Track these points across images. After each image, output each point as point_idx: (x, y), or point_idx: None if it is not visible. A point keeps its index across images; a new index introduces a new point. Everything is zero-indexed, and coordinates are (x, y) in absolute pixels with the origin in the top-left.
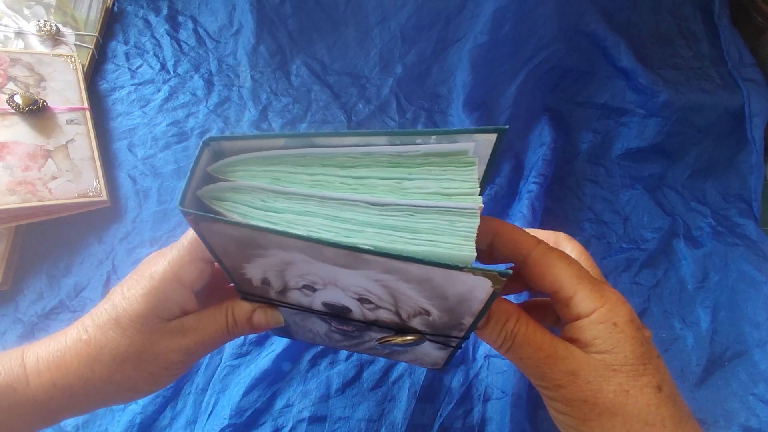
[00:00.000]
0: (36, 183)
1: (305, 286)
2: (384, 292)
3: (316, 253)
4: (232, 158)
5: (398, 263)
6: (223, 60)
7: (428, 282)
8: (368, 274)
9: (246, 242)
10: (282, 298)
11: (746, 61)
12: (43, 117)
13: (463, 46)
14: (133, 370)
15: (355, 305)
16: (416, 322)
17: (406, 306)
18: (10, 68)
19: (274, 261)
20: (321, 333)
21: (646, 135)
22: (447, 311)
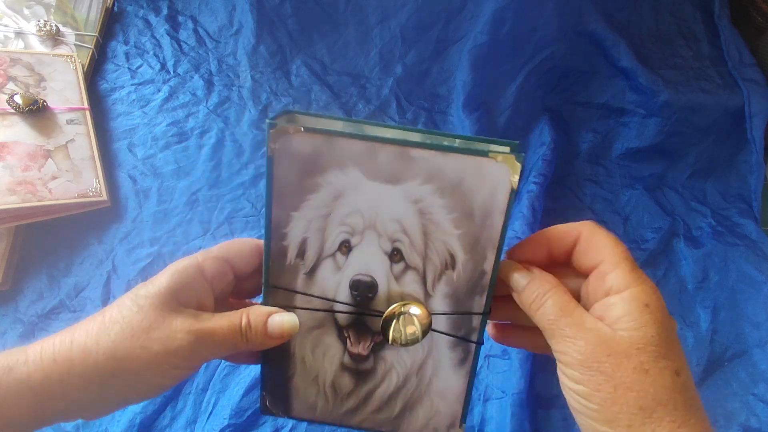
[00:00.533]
0: (36, 183)
1: (342, 245)
2: (417, 226)
3: (371, 163)
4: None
5: (438, 158)
6: (223, 60)
7: (459, 188)
8: (409, 190)
9: (310, 164)
10: (309, 284)
11: (746, 61)
12: (43, 117)
13: (463, 46)
14: (138, 347)
15: (383, 273)
16: (440, 291)
17: (434, 254)
18: (10, 68)
19: (325, 198)
20: (329, 380)
21: (646, 135)
22: (472, 247)
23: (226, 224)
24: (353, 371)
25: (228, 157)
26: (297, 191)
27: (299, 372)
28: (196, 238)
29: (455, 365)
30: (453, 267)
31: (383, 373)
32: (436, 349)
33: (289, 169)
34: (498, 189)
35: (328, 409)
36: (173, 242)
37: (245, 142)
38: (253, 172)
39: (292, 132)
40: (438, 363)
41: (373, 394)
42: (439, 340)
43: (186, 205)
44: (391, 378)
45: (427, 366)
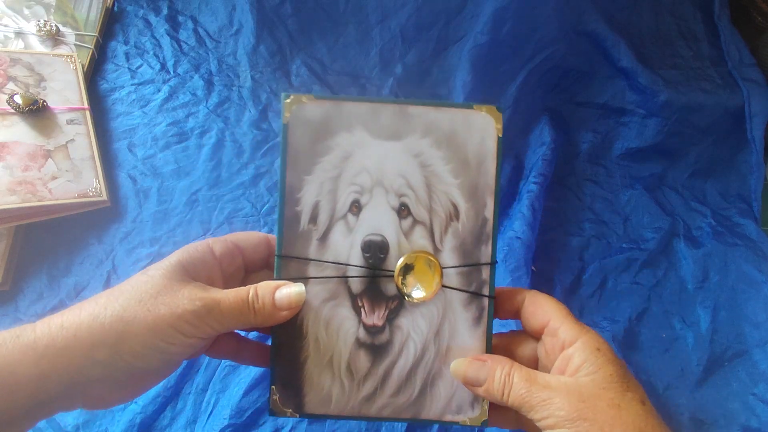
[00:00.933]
0: (36, 183)
1: (352, 205)
2: (420, 179)
3: (375, 123)
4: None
5: (432, 113)
6: (223, 60)
7: (453, 139)
8: (409, 145)
9: (321, 128)
10: (322, 251)
11: (746, 61)
12: (43, 117)
13: (463, 46)
14: (145, 310)
15: (393, 231)
16: (448, 244)
17: (438, 206)
18: (10, 68)
19: (335, 159)
20: (344, 360)
21: (646, 135)
22: (471, 194)
23: (226, 224)
24: (369, 347)
25: (228, 157)
26: (309, 155)
27: (313, 355)
28: (196, 238)
29: (471, 325)
30: (457, 217)
31: (400, 345)
32: (450, 309)
33: (302, 135)
34: (486, 137)
35: (344, 399)
36: (173, 242)
37: (245, 142)
38: (253, 172)
39: (305, 100)
40: (454, 325)
41: (391, 371)
42: (453, 300)
43: (186, 205)
44: (409, 349)
45: (443, 330)
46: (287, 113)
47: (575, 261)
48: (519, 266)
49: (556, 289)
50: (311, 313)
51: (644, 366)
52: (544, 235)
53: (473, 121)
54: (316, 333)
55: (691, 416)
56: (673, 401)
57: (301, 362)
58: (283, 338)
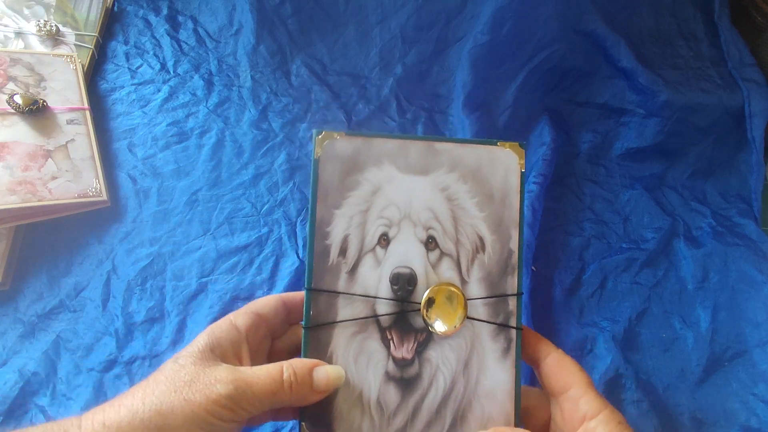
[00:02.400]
0: (36, 183)
1: (381, 238)
2: (447, 212)
3: (404, 158)
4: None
5: (458, 149)
6: (223, 60)
7: (478, 174)
8: (436, 179)
9: (351, 163)
10: (351, 284)
11: (746, 61)
12: (43, 117)
13: (463, 46)
14: (182, 400)
15: (421, 263)
16: (475, 275)
17: (465, 238)
18: (10, 68)
19: (364, 193)
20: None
21: (646, 135)
22: (497, 227)
23: (226, 224)
24: (399, 380)
25: (228, 157)
26: (339, 189)
27: (342, 390)
28: (196, 238)
29: (499, 357)
30: (483, 249)
31: (430, 378)
32: (478, 341)
33: (332, 170)
34: (509, 172)
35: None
36: (173, 242)
37: (245, 142)
38: (253, 172)
39: (337, 136)
40: (482, 358)
41: (421, 406)
42: (481, 332)
43: (186, 205)
44: (438, 382)
45: (472, 363)
46: (319, 149)
47: (575, 261)
48: None
49: (556, 289)
50: (340, 347)
51: (644, 366)
52: (544, 235)
53: (497, 156)
54: (346, 366)
55: (691, 416)
56: (673, 401)
57: (330, 397)
58: None
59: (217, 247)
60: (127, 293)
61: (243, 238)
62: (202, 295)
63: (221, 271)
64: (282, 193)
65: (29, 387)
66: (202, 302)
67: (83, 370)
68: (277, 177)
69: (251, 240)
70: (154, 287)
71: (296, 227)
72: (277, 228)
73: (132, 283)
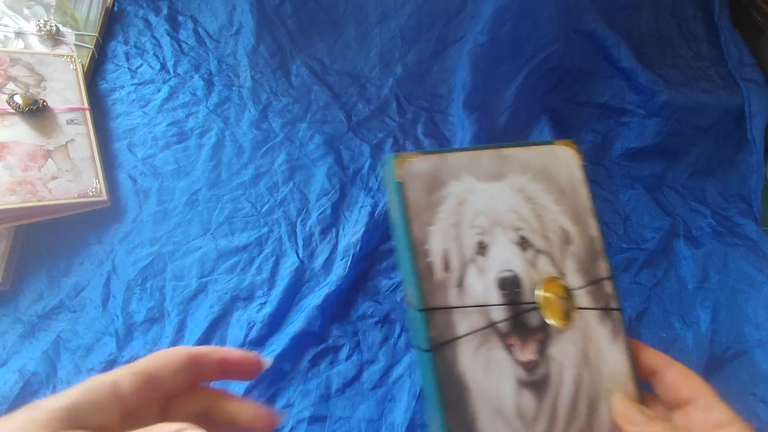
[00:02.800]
0: (36, 183)
1: (478, 247)
2: (529, 212)
3: (478, 168)
4: None
5: (523, 152)
6: (223, 60)
7: (546, 173)
8: (512, 182)
9: (432, 180)
10: (461, 297)
11: (746, 61)
12: (43, 117)
13: (463, 46)
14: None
15: (520, 263)
16: (570, 267)
17: (552, 233)
18: (10, 68)
19: (451, 206)
20: (512, 406)
21: (646, 135)
22: (576, 218)
23: (226, 224)
24: (531, 384)
25: (228, 157)
26: (428, 207)
27: (481, 409)
28: (196, 238)
29: (611, 341)
30: (570, 241)
31: (558, 375)
32: (589, 330)
33: (417, 189)
34: (572, 167)
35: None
36: (173, 242)
37: (245, 142)
38: (253, 172)
39: (413, 157)
40: (597, 345)
41: (557, 405)
42: (589, 320)
43: (186, 205)
44: (566, 379)
45: (590, 352)
46: (400, 171)
47: None
48: None
49: None
50: (467, 363)
51: None
52: None
53: (557, 154)
54: (478, 382)
55: None
56: None
57: (471, 416)
58: (449, 397)
59: (217, 247)
60: (127, 293)
61: (243, 238)
62: (202, 295)
63: (221, 271)
64: (282, 193)
65: (29, 387)
66: (202, 302)
67: (83, 370)
68: (277, 177)
69: (251, 240)
70: (154, 287)
71: (296, 227)
72: (277, 228)
73: (132, 283)
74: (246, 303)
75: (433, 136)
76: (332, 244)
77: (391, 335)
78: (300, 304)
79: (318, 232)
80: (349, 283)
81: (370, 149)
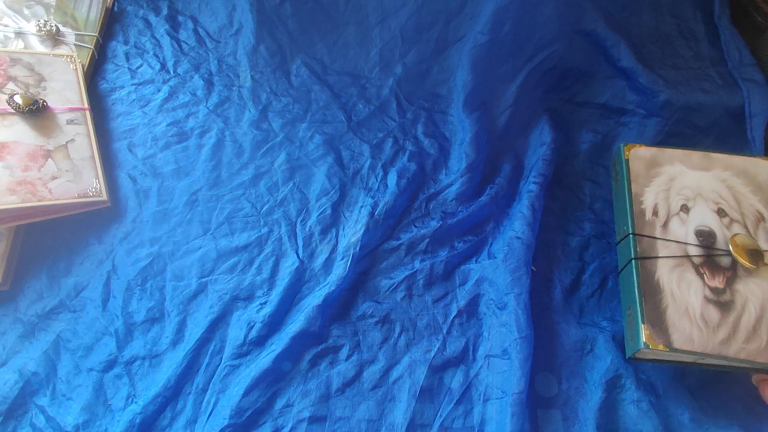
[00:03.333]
0: (36, 183)
1: (682, 207)
2: (729, 195)
3: (689, 161)
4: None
5: (729, 158)
6: (223, 60)
7: (747, 173)
8: (717, 174)
9: (651, 162)
10: (664, 233)
11: (746, 61)
12: (43, 117)
13: (463, 46)
14: None
15: (717, 224)
16: (761, 236)
17: (748, 212)
18: (10, 68)
19: (664, 180)
20: (698, 312)
21: (646, 135)
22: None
23: (226, 224)
24: (716, 303)
25: (228, 157)
26: (645, 177)
27: (671, 305)
28: (196, 238)
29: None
30: (764, 220)
31: (742, 304)
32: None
33: (639, 165)
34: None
35: (705, 340)
36: (173, 242)
37: (245, 142)
38: (253, 172)
39: (638, 147)
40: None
41: (738, 324)
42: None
43: (186, 205)
44: (750, 309)
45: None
46: (627, 153)
47: (575, 261)
48: (519, 266)
49: (556, 289)
50: (665, 273)
51: (644, 366)
52: (544, 235)
53: (758, 163)
54: (671, 287)
55: (691, 416)
56: (673, 401)
57: (662, 309)
58: (646, 289)
59: (217, 247)
60: (127, 293)
61: (243, 238)
62: (202, 295)
63: (221, 271)
64: (282, 193)
65: (29, 387)
66: (202, 302)
67: (83, 370)
68: (277, 177)
69: (251, 240)
70: (154, 287)
71: (296, 227)
72: (277, 228)
73: (132, 283)
74: (246, 303)
75: (433, 136)
76: (332, 244)
77: (391, 335)
78: (300, 304)
79: (318, 232)
80: (349, 283)
81: (370, 149)
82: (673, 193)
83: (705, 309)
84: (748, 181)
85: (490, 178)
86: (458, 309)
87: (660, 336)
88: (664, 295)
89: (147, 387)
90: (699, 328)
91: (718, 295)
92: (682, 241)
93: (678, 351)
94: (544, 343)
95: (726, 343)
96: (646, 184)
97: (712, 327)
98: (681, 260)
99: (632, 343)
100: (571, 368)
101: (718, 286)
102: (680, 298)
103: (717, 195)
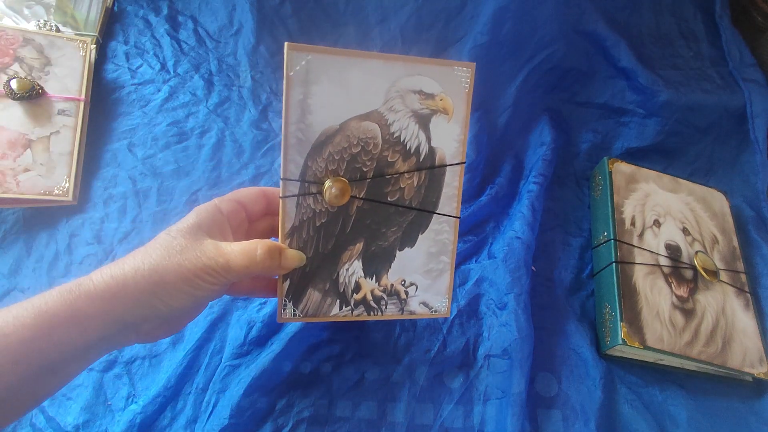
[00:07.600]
0: (7, 173)
1: (655, 221)
2: (692, 217)
3: (660, 183)
4: None
5: (691, 185)
6: (223, 60)
7: (705, 200)
8: (682, 198)
9: (630, 178)
10: (640, 242)
11: (747, 62)
12: (37, 104)
13: (463, 46)
14: (175, 264)
15: (682, 241)
16: (716, 256)
17: (706, 234)
18: (20, 48)
19: (640, 196)
20: (667, 315)
21: (646, 135)
22: (722, 230)
23: None
24: (681, 309)
25: (228, 157)
26: (626, 189)
27: (645, 307)
28: None
29: (744, 309)
30: (718, 242)
31: (702, 313)
32: (728, 296)
33: (620, 178)
34: (723, 204)
35: (672, 341)
36: None
37: (245, 142)
38: (253, 172)
39: (619, 162)
40: (732, 307)
41: (699, 329)
42: (728, 291)
43: (186, 205)
44: (708, 317)
45: (726, 309)
46: (611, 166)
47: (575, 261)
48: (519, 266)
49: (556, 289)
50: (640, 279)
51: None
52: (544, 235)
53: (714, 194)
54: (645, 292)
55: (688, 416)
56: (671, 401)
57: (638, 310)
58: (625, 290)
59: None
60: None
61: None
62: None
63: None
64: None
65: None
66: None
67: None
68: (277, 177)
69: None
70: None
71: None
72: None
73: None
74: (246, 303)
75: None
76: None
77: (391, 335)
78: None
79: None
80: None
81: None
82: (647, 208)
83: (672, 314)
84: (706, 207)
85: (490, 178)
86: (458, 309)
87: (636, 334)
88: (640, 298)
89: (147, 387)
90: (668, 329)
91: (682, 303)
92: (655, 252)
93: (650, 349)
94: (544, 343)
95: (690, 345)
96: (626, 197)
97: (678, 330)
98: (653, 268)
99: (609, 339)
100: (571, 368)
101: (682, 294)
102: (653, 301)
103: (682, 215)
